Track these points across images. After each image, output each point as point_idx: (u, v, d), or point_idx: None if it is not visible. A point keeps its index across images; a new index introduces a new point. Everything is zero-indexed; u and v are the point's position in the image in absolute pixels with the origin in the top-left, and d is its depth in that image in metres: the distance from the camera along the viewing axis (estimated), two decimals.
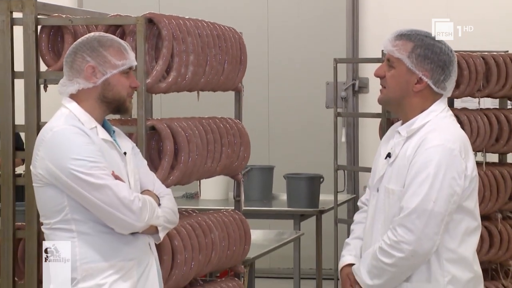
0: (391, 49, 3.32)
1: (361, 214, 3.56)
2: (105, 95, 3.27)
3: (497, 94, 5.46)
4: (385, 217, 3.31)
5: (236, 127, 4.37)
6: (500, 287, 5.42)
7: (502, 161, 5.71)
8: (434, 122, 3.31)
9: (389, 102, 3.38)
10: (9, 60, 3.89)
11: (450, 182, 3.21)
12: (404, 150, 3.30)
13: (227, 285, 4.27)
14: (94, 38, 3.29)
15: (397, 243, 3.20)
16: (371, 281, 3.30)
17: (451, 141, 3.25)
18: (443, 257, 3.26)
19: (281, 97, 9.11)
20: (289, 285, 7.14)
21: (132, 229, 3.23)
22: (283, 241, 5.80)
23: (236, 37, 4.39)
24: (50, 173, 3.18)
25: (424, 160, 3.21)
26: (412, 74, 3.29)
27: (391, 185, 3.30)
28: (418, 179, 3.21)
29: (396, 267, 3.23)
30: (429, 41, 3.31)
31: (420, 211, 3.19)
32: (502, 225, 5.38)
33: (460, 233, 3.29)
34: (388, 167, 3.35)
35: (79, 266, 3.19)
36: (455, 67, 3.36)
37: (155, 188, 3.43)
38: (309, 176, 6.91)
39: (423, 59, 3.28)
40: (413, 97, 3.32)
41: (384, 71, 3.35)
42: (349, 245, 3.51)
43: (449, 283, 3.27)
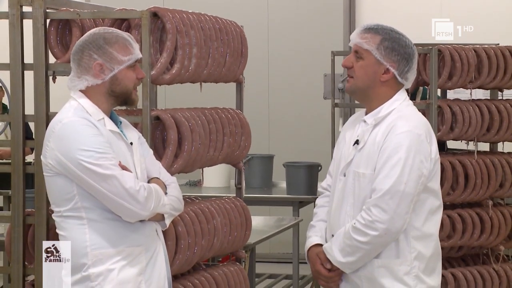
0: (359, 41, 3.44)
1: (324, 199, 3.68)
2: (113, 89, 3.32)
3: (488, 85, 5.51)
4: (354, 199, 3.45)
5: (237, 117, 4.39)
6: (491, 271, 5.48)
7: (493, 150, 5.77)
8: (399, 110, 3.45)
9: (357, 91, 3.49)
10: (19, 53, 3.91)
11: (418, 165, 3.37)
12: (373, 136, 3.43)
13: (228, 270, 4.29)
14: (100, 35, 3.31)
15: (372, 222, 3.34)
16: (344, 258, 3.43)
17: (418, 127, 3.41)
18: (410, 235, 3.42)
19: (281, 88, 9.15)
20: (288, 269, 7.21)
21: (138, 218, 3.27)
22: (282, 227, 5.82)
23: (237, 30, 4.41)
24: (60, 163, 3.22)
25: (395, 145, 3.36)
26: (380, 65, 3.43)
27: (361, 169, 3.43)
28: (390, 162, 3.35)
29: (369, 244, 3.37)
30: (395, 35, 3.44)
31: (393, 192, 3.34)
32: (493, 211, 5.45)
33: (425, 212, 3.44)
34: (356, 153, 3.47)
35: (90, 252, 3.24)
36: (416, 59, 3.49)
37: (161, 176, 3.46)
38: (307, 165, 6.98)
39: (391, 51, 3.42)
40: (380, 86, 3.46)
41: (351, 62, 3.46)
42: (314, 227, 3.62)
43: (415, 259, 3.42)
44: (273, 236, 5.58)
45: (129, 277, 3.29)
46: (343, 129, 3.66)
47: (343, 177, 3.51)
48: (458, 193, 5.37)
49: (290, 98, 9.12)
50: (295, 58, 9.08)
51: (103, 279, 3.25)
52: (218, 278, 4.19)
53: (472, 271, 5.48)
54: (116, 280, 3.26)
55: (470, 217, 5.42)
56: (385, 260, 3.42)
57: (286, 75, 9.11)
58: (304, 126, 9.06)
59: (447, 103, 5.44)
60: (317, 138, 8.82)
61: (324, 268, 3.51)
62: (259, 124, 8.50)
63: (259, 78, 8.95)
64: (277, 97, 9.15)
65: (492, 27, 8.31)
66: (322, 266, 3.51)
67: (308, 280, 7.15)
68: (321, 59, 8.52)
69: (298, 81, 9.09)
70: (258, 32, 8.85)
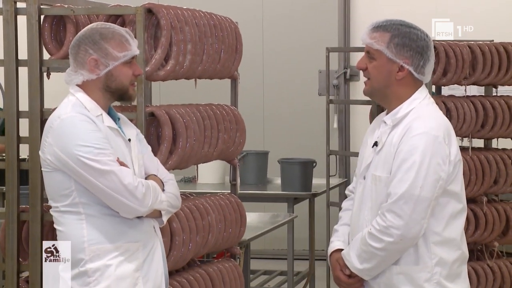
0: (369, 42, 3.34)
1: (349, 202, 3.59)
2: (109, 85, 3.32)
3: (483, 81, 5.51)
4: (372, 203, 3.35)
5: (232, 114, 4.40)
6: (485, 267, 5.48)
7: (487, 146, 5.76)
8: (418, 110, 3.33)
9: (374, 92, 3.40)
10: (13, 49, 3.90)
11: (435, 168, 3.24)
12: (390, 138, 3.33)
13: (223, 266, 4.29)
14: (96, 30, 3.31)
15: (386, 228, 3.24)
16: (361, 265, 3.34)
17: (435, 129, 3.28)
18: (430, 240, 3.30)
19: (276, 84, 9.16)
20: (283, 265, 7.18)
21: (135, 214, 3.28)
22: (277, 223, 5.81)
23: (232, 26, 4.40)
24: (58, 159, 3.22)
25: (410, 147, 3.25)
26: (393, 63, 3.33)
27: (378, 172, 3.34)
28: (404, 166, 3.24)
29: (385, 251, 3.27)
30: (405, 29, 3.33)
31: (407, 196, 3.22)
32: (487, 207, 5.44)
33: (446, 216, 3.34)
34: (375, 155, 3.38)
35: (87, 247, 3.24)
36: (432, 51, 3.37)
37: (159, 173, 3.47)
38: (302, 161, 6.95)
39: (402, 47, 3.31)
40: (397, 85, 3.35)
41: (365, 63, 3.37)
42: (337, 232, 3.54)
43: (437, 265, 3.32)
44: (268, 232, 5.57)
45: (127, 273, 3.29)
46: (368, 130, 3.57)
47: (363, 180, 3.42)
48: None
49: (284, 95, 9.13)
50: (289, 55, 9.09)
51: (100, 274, 3.25)
52: (213, 274, 4.20)
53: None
54: (113, 275, 3.26)
55: None
56: (404, 267, 3.32)
57: (280, 72, 9.12)
58: (299, 123, 9.07)
59: (441, 100, 5.44)
60: (312, 134, 8.83)
61: (344, 274, 3.42)
62: (254, 120, 8.50)
63: (254, 75, 8.96)
64: (272, 93, 9.16)
65: (492, 27, 8.29)
66: (342, 272, 3.43)
67: (302, 276, 7.16)
68: (315, 55, 8.54)
69: (292, 78, 9.10)
70: (253, 28, 8.86)
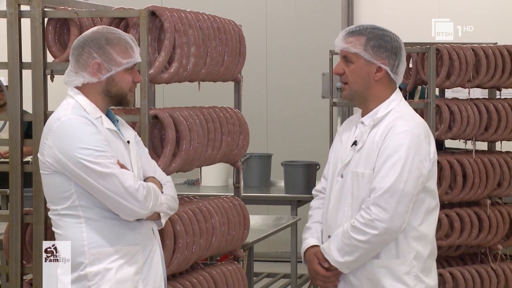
0: (345, 46, 3.45)
1: (319, 201, 3.69)
2: (109, 90, 3.32)
3: (486, 84, 5.52)
4: (353, 199, 3.45)
5: (235, 116, 4.40)
6: (489, 270, 5.50)
7: (491, 149, 5.78)
8: (398, 110, 3.47)
9: (354, 95, 3.50)
10: (17, 52, 3.91)
11: (418, 165, 3.38)
12: (371, 136, 3.44)
13: (227, 269, 4.29)
14: (102, 34, 3.30)
15: (371, 221, 3.35)
16: (342, 258, 3.43)
17: (417, 128, 3.42)
18: (409, 235, 3.43)
19: (279, 87, 9.17)
20: (286, 268, 7.21)
21: (136, 216, 3.28)
22: (280, 226, 5.83)
23: (235, 29, 4.41)
24: (57, 161, 3.22)
25: (395, 144, 3.38)
26: (371, 64, 3.45)
27: (359, 169, 3.44)
28: (389, 161, 3.36)
29: (368, 243, 3.37)
30: (378, 32, 3.45)
31: (392, 190, 3.35)
32: (491, 210, 5.47)
33: (422, 211, 3.45)
34: (355, 153, 3.47)
35: (87, 250, 3.24)
36: (404, 51, 3.50)
37: (156, 175, 3.47)
38: (305, 164, 6.98)
39: (378, 48, 3.43)
40: (375, 86, 3.47)
41: (342, 68, 3.47)
42: (310, 229, 3.63)
43: (414, 259, 3.44)
44: (271, 235, 5.58)
45: (127, 277, 3.29)
46: (338, 132, 3.67)
47: (341, 178, 3.51)
48: (456, 192, 5.38)
49: (288, 97, 9.14)
50: (293, 57, 9.10)
51: (101, 278, 3.25)
52: (216, 277, 4.20)
53: (470, 270, 5.50)
54: (113, 279, 3.26)
55: (468, 216, 5.43)
56: (385, 260, 3.43)
57: (284, 74, 9.13)
58: (302, 125, 9.08)
59: (445, 102, 5.45)
60: (315, 137, 8.84)
61: (322, 267, 3.50)
62: (257, 123, 8.53)
63: (257, 77, 8.97)
64: (275, 96, 9.17)
65: (492, 27, 8.32)
66: (320, 266, 3.51)
67: (306, 279, 7.16)
68: (319, 58, 8.54)
69: (296, 80, 9.11)
70: (256, 31, 8.87)
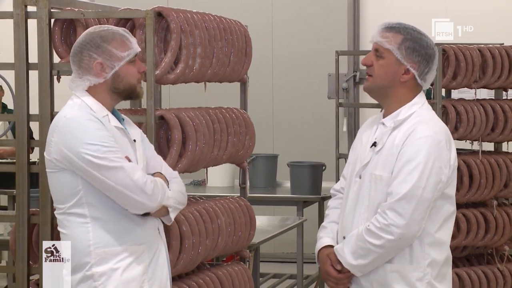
0: (380, 40, 3.40)
1: (336, 201, 3.64)
2: (116, 86, 3.32)
3: (493, 85, 5.52)
4: (369, 201, 3.40)
5: (241, 117, 4.40)
6: (495, 271, 5.49)
7: (498, 150, 5.76)
8: (420, 114, 3.41)
9: (376, 90, 3.46)
10: (24, 52, 3.91)
11: (437, 171, 3.32)
12: (391, 139, 3.39)
13: (233, 269, 4.29)
14: (96, 34, 3.30)
15: (387, 226, 3.30)
16: (355, 261, 3.38)
17: (438, 133, 3.37)
18: (424, 241, 3.37)
19: (285, 88, 9.17)
20: (292, 269, 7.18)
21: (145, 210, 3.27)
22: (286, 226, 5.82)
23: (241, 30, 4.41)
24: (65, 158, 3.22)
25: (415, 149, 3.31)
26: (400, 65, 3.39)
27: (378, 172, 3.39)
28: (408, 166, 3.31)
29: (383, 248, 3.33)
30: (416, 35, 3.40)
31: (410, 196, 3.29)
32: (497, 211, 5.45)
33: (441, 218, 3.41)
34: (374, 155, 3.42)
35: (93, 250, 3.24)
36: (436, 60, 3.45)
37: (163, 171, 3.47)
38: (311, 164, 6.98)
39: (412, 51, 3.38)
40: (399, 87, 3.41)
41: (371, 60, 3.43)
42: (325, 228, 3.58)
43: (429, 265, 3.39)
44: (277, 235, 5.58)
45: (133, 276, 3.29)
46: (359, 132, 3.62)
47: (359, 179, 3.46)
48: (462, 193, 5.37)
49: (294, 98, 9.14)
50: (299, 58, 9.10)
51: (107, 278, 3.25)
52: (223, 277, 4.20)
53: (476, 271, 5.49)
54: (119, 279, 3.26)
55: (474, 217, 5.43)
56: (398, 265, 3.38)
57: (290, 75, 9.14)
58: (309, 126, 9.08)
59: (451, 103, 5.45)
60: (321, 137, 8.84)
61: (334, 269, 3.46)
62: (263, 123, 8.52)
63: (263, 78, 8.97)
64: (281, 96, 9.18)
65: (492, 27, 8.31)
66: (332, 267, 3.46)
67: (312, 280, 7.16)
68: (325, 58, 8.54)
69: (302, 81, 9.11)
70: (262, 31, 8.87)
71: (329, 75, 8.93)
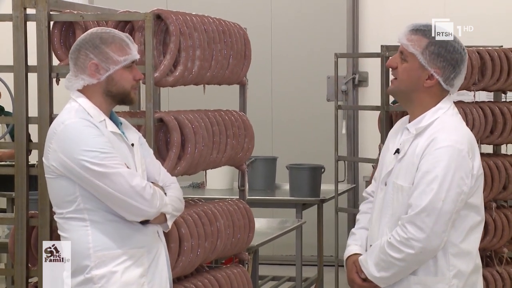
0: (405, 43, 3.28)
1: (367, 205, 3.55)
2: (110, 89, 3.31)
3: (492, 87, 5.49)
4: (392, 211, 3.32)
5: (240, 119, 4.40)
6: (494, 274, 5.47)
7: (497, 152, 5.73)
8: (443, 121, 3.28)
9: (399, 94, 3.36)
10: (23, 55, 3.92)
11: (458, 182, 3.21)
12: (413, 147, 3.28)
13: (232, 272, 4.29)
14: (97, 35, 3.31)
15: (407, 240, 3.21)
16: (378, 273, 3.30)
17: (460, 142, 3.24)
18: (449, 252, 3.27)
19: (284, 90, 9.17)
20: (291, 271, 7.18)
21: (144, 216, 3.27)
22: (285, 229, 5.82)
23: (240, 32, 4.42)
24: (62, 165, 3.22)
25: (434, 160, 3.20)
26: (424, 70, 3.27)
27: (399, 181, 3.29)
28: (427, 178, 3.20)
29: (404, 261, 3.24)
30: (443, 38, 3.27)
31: (429, 209, 3.18)
32: (496, 213, 5.41)
33: (465, 228, 3.30)
34: (396, 163, 3.33)
35: (93, 253, 3.24)
36: (465, 64, 3.32)
37: (161, 176, 3.47)
38: (310, 167, 6.96)
39: (436, 56, 3.26)
40: (422, 92, 3.29)
41: (396, 62, 3.32)
42: (354, 235, 3.51)
43: (454, 277, 3.29)
44: (276, 238, 5.58)
45: (132, 279, 3.29)
46: (389, 134, 3.52)
47: (384, 186, 3.38)
48: None
49: (293, 100, 9.14)
50: (298, 60, 9.11)
51: (106, 281, 3.25)
52: (221, 280, 4.20)
53: None
54: (119, 282, 3.26)
55: None
56: (422, 277, 3.29)
57: (289, 77, 9.14)
58: (308, 128, 9.08)
59: None
60: (320, 140, 8.84)
61: (359, 277, 3.39)
62: (262, 126, 8.53)
63: (263, 80, 8.97)
64: (280, 99, 9.18)
65: (492, 27, 8.31)
66: (357, 275, 3.40)
67: (311, 282, 7.16)
68: (324, 61, 8.55)
69: (301, 83, 9.11)
70: (262, 34, 8.87)
71: (328, 78, 8.93)
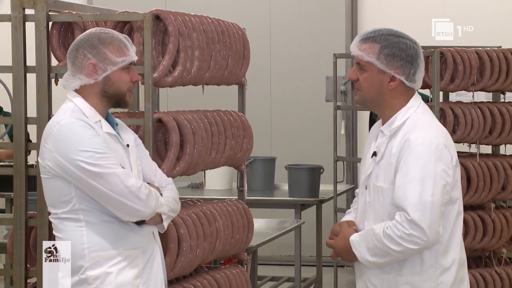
0: (359, 54, 3.33)
1: (354, 205, 3.57)
2: (106, 90, 3.31)
3: (491, 88, 5.53)
4: (375, 213, 3.36)
5: (239, 120, 4.40)
6: (493, 274, 5.51)
7: (495, 153, 5.78)
8: (414, 119, 3.33)
9: (366, 103, 3.40)
10: (22, 55, 3.92)
11: (441, 175, 3.25)
12: (389, 148, 3.32)
13: (231, 272, 4.30)
14: (95, 35, 3.31)
15: (409, 235, 3.22)
16: (372, 258, 3.32)
17: (434, 137, 3.29)
18: (433, 249, 3.30)
19: (283, 90, 9.18)
20: (290, 271, 7.18)
21: (140, 216, 3.27)
22: (284, 229, 5.81)
23: (239, 33, 4.42)
24: (58, 165, 3.22)
25: (413, 157, 3.24)
26: (384, 74, 3.31)
27: (379, 183, 3.33)
28: (410, 176, 3.23)
29: (402, 253, 3.26)
30: (394, 39, 3.31)
31: (422, 206, 3.21)
32: (495, 214, 5.46)
33: (450, 225, 3.34)
34: (375, 165, 3.37)
35: (87, 254, 3.24)
36: (421, 57, 3.36)
37: (157, 177, 3.46)
38: (309, 167, 6.96)
39: (392, 58, 3.30)
40: (388, 95, 3.34)
41: (356, 74, 3.35)
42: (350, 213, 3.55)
43: (441, 274, 3.32)
44: (275, 238, 5.58)
45: (127, 280, 3.29)
46: (367, 138, 3.56)
47: (365, 190, 3.42)
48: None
49: (292, 101, 9.15)
50: (297, 61, 9.11)
51: (101, 282, 3.25)
52: (220, 280, 4.20)
53: (474, 273, 5.49)
54: (114, 283, 3.26)
55: (472, 219, 5.43)
56: (409, 277, 3.33)
57: (288, 78, 9.14)
58: (306, 129, 9.08)
59: (449, 106, 5.46)
60: (319, 140, 8.84)
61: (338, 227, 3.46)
62: (261, 126, 8.52)
63: (261, 81, 8.98)
64: (279, 99, 9.18)
65: (492, 27, 8.33)
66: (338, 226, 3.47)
67: (310, 283, 7.16)
68: (323, 61, 8.56)
69: (300, 84, 9.12)
70: (260, 34, 8.88)
71: (327, 78, 8.93)
